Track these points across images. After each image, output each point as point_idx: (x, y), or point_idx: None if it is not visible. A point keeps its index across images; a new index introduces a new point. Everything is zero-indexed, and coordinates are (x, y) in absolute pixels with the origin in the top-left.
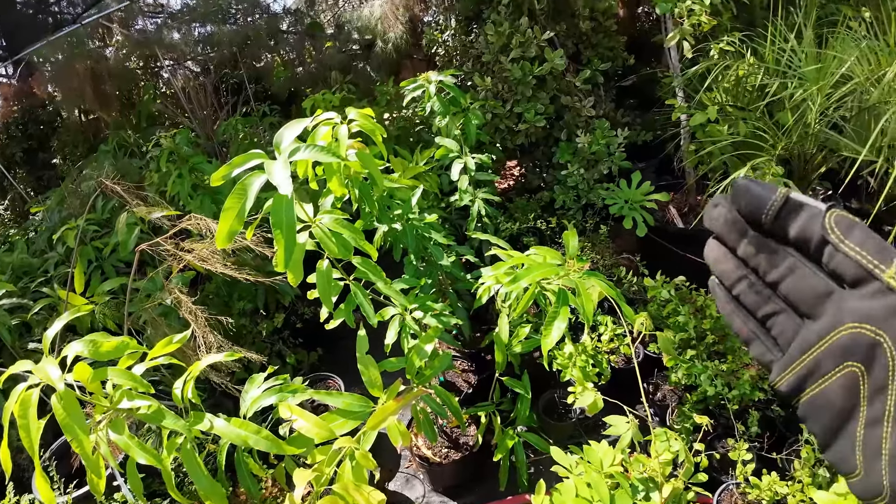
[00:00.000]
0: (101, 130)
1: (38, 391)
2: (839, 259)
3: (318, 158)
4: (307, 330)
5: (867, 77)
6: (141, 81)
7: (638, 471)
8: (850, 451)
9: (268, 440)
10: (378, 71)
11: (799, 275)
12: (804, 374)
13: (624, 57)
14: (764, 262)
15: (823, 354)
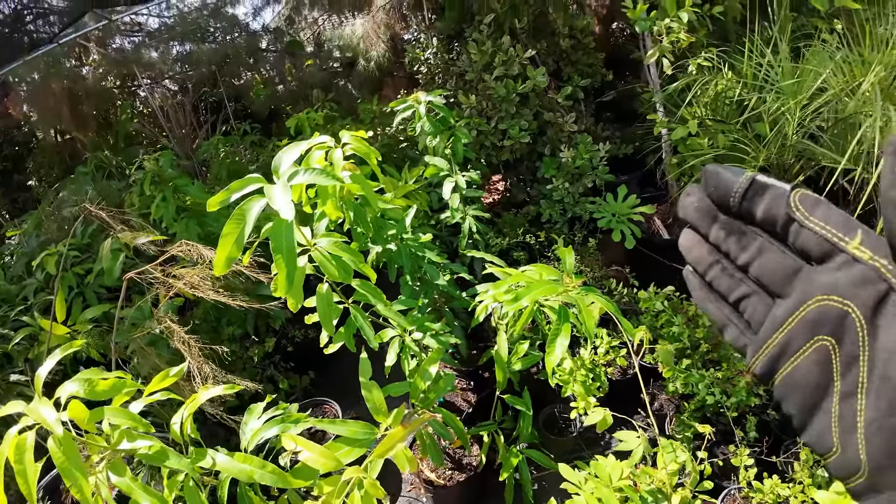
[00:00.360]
0: (78, 151)
1: (34, 434)
2: (805, 235)
3: (317, 182)
4: (298, 353)
5: (842, 88)
6: (118, 101)
7: (646, 483)
8: (826, 428)
9: (273, 474)
10: (360, 88)
11: (768, 255)
12: (777, 354)
13: (602, 73)
14: (734, 245)
15: (794, 331)
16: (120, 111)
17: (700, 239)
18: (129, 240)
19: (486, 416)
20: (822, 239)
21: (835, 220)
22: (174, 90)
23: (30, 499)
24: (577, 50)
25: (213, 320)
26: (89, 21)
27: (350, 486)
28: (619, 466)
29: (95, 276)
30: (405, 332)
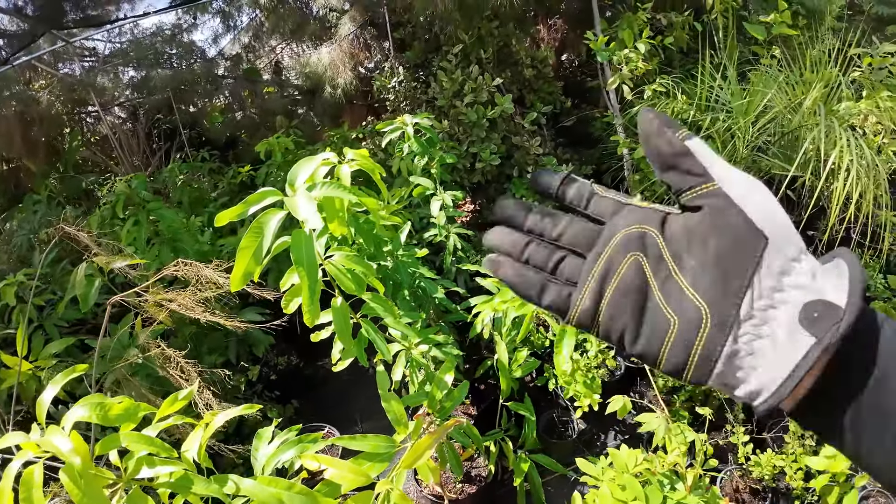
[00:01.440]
0: (22, 181)
1: (41, 467)
2: (603, 202)
3: (336, 195)
4: (281, 381)
5: (786, 105)
6: (68, 127)
7: (660, 466)
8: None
9: (302, 494)
10: (322, 116)
11: (576, 224)
12: (602, 275)
13: (561, 100)
14: (548, 223)
15: (611, 255)
16: (70, 138)
17: (510, 230)
18: (105, 264)
19: (487, 428)
20: (615, 201)
21: (617, 193)
22: (126, 117)
23: None
24: (539, 79)
25: (192, 349)
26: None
27: (381, 500)
28: (633, 454)
29: (64, 306)
30: (413, 346)
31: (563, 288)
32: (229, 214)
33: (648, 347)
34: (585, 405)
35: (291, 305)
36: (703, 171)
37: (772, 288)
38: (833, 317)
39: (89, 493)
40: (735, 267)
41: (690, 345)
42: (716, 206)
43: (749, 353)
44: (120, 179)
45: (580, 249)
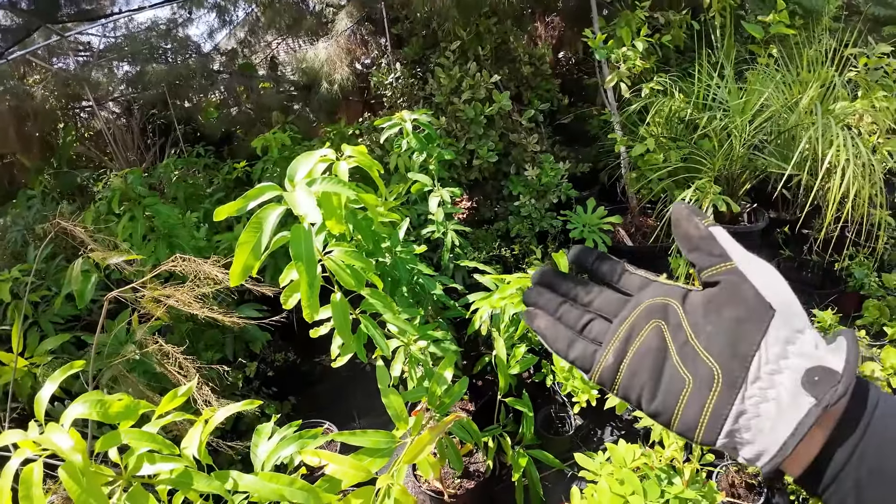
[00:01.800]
0: (16, 176)
1: (41, 465)
2: (632, 278)
3: (335, 190)
4: (278, 378)
5: (783, 104)
6: (62, 122)
7: (657, 461)
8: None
9: (304, 490)
10: (318, 112)
11: (606, 293)
12: (627, 336)
13: (559, 98)
14: (581, 290)
15: (635, 320)
16: (64, 133)
17: (547, 290)
18: (101, 259)
19: (485, 424)
20: (643, 278)
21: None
22: (121, 112)
23: None
24: (537, 76)
25: (189, 346)
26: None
27: (381, 495)
28: (631, 449)
29: (60, 302)
30: (412, 342)
31: (590, 345)
32: (228, 209)
33: (664, 406)
34: (583, 401)
35: (291, 301)
36: (723, 252)
37: (778, 355)
38: (831, 380)
39: (90, 491)
40: (745, 334)
41: (703, 402)
42: (731, 281)
43: (755, 414)
44: (115, 175)
45: (608, 315)
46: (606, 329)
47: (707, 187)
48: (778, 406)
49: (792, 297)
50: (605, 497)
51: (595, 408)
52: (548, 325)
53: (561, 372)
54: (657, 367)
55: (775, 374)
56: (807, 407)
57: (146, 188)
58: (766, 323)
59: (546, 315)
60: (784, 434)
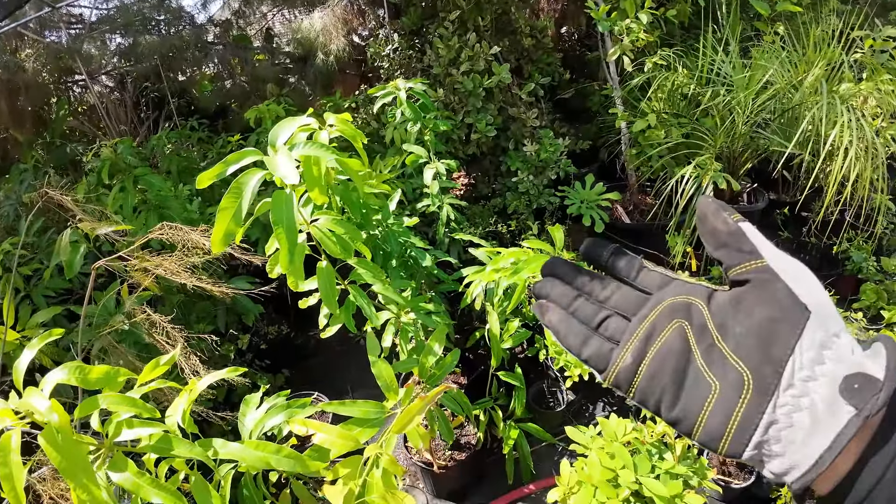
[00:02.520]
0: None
1: (19, 433)
2: (651, 275)
3: (316, 154)
4: (272, 351)
5: (788, 82)
6: (54, 96)
7: (649, 436)
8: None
9: (291, 458)
10: (313, 85)
11: (623, 289)
12: (647, 335)
13: (560, 72)
14: (597, 285)
15: (657, 319)
16: (57, 107)
17: (560, 282)
18: (90, 230)
19: (477, 397)
20: (663, 275)
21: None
22: (114, 86)
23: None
24: (538, 49)
25: (180, 317)
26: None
27: (370, 465)
28: (622, 423)
29: (50, 274)
30: (404, 313)
31: (605, 343)
32: (209, 175)
33: (686, 413)
34: (576, 375)
35: (276, 270)
36: (753, 249)
37: (812, 360)
38: (872, 388)
39: (68, 455)
40: (778, 336)
41: (730, 410)
42: (763, 279)
43: (788, 425)
44: (105, 144)
45: (625, 313)
46: (624, 327)
47: (708, 164)
48: (812, 416)
49: (826, 298)
50: (596, 470)
51: (587, 383)
52: (560, 319)
53: (554, 346)
54: (680, 371)
55: (810, 380)
56: (846, 417)
57: (137, 158)
58: (802, 325)
59: (558, 309)
60: (820, 447)
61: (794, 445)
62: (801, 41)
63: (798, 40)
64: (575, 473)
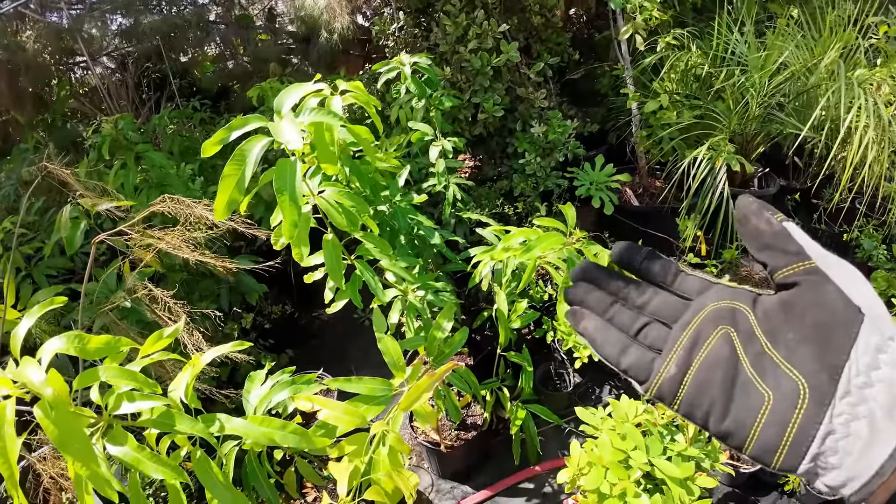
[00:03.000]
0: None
1: (13, 403)
2: (690, 280)
3: (323, 121)
4: (275, 331)
5: (803, 65)
6: (56, 77)
7: (660, 418)
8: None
9: (296, 434)
10: (316, 65)
11: (662, 295)
12: (690, 345)
13: (569, 52)
14: (633, 291)
15: (700, 326)
16: (58, 88)
17: (594, 287)
18: (91, 206)
19: (483, 378)
20: (702, 279)
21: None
22: (115, 67)
23: (10, 480)
24: (547, 28)
25: (183, 295)
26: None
27: (376, 442)
28: (634, 405)
29: (50, 250)
30: (411, 290)
31: (647, 353)
32: (214, 141)
33: (737, 425)
34: (585, 356)
35: (281, 241)
36: (799, 249)
37: (868, 365)
38: None
39: (63, 427)
40: (833, 341)
41: (786, 422)
42: (812, 282)
43: (845, 434)
44: (106, 120)
45: (666, 320)
46: (665, 335)
47: (721, 145)
48: (871, 425)
49: (877, 299)
50: (607, 451)
51: (594, 365)
52: (597, 327)
53: (563, 325)
54: (728, 381)
55: (866, 387)
56: None
57: (138, 135)
58: (856, 329)
59: (594, 316)
60: (880, 457)
61: (852, 456)
62: (816, 25)
63: (814, 24)
64: (585, 454)
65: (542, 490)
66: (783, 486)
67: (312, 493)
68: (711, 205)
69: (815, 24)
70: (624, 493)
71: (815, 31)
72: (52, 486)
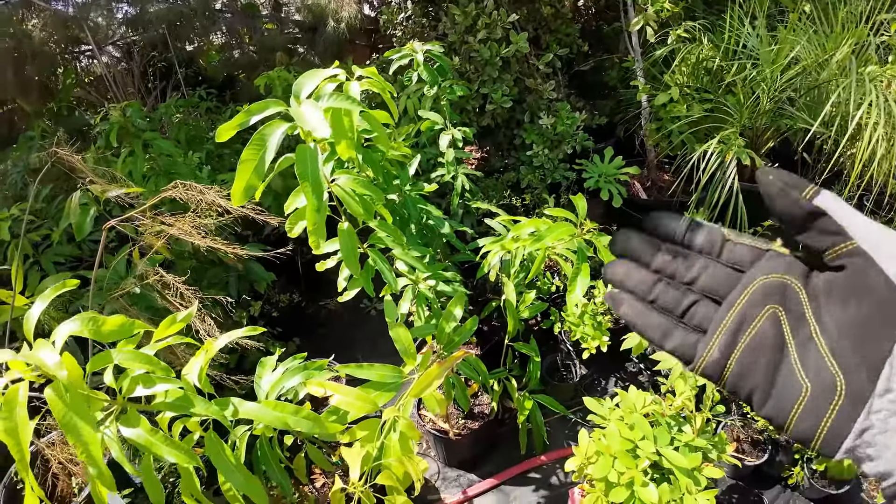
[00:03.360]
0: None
1: (26, 386)
2: (738, 249)
3: (343, 106)
4: (283, 319)
5: (815, 60)
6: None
7: (668, 409)
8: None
9: (309, 419)
10: (323, 55)
11: (713, 268)
12: (735, 328)
13: (578, 43)
14: (681, 265)
15: (747, 305)
16: (63, 77)
17: (637, 266)
18: (100, 192)
19: (490, 369)
20: (753, 248)
21: (752, 239)
22: (121, 56)
23: (22, 463)
24: (557, 18)
25: (192, 282)
26: None
27: (387, 428)
28: (642, 395)
29: (59, 236)
30: (421, 279)
31: (690, 335)
32: (231, 125)
33: (777, 411)
34: (593, 347)
35: (296, 229)
36: (840, 229)
37: None
38: None
39: (75, 408)
40: (875, 334)
41: (820, 416)
42: (856, 266)
43: (882, 430)
44: (114, 107)
45: (715, 295)
46: (713, 314)
47: (732, 139)
48: None
49: None
50: (615, 440)
51: (601, 357)
52: (637, 313)
53: (571, 317)
54: (772, 367)
55: None
56: None
57: (145, 122)
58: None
59: (634, 300)
60: None
61: (889, 450)
62: (828, 20)
63: (826, 19)
64: (593, 443)
65: (548, 480)
66: (786, 480)
67: (321, 478)
68: (721, 199)
69: (827, 19)
70: (631, 482)
71: (827, 27)
72: (60, 471)
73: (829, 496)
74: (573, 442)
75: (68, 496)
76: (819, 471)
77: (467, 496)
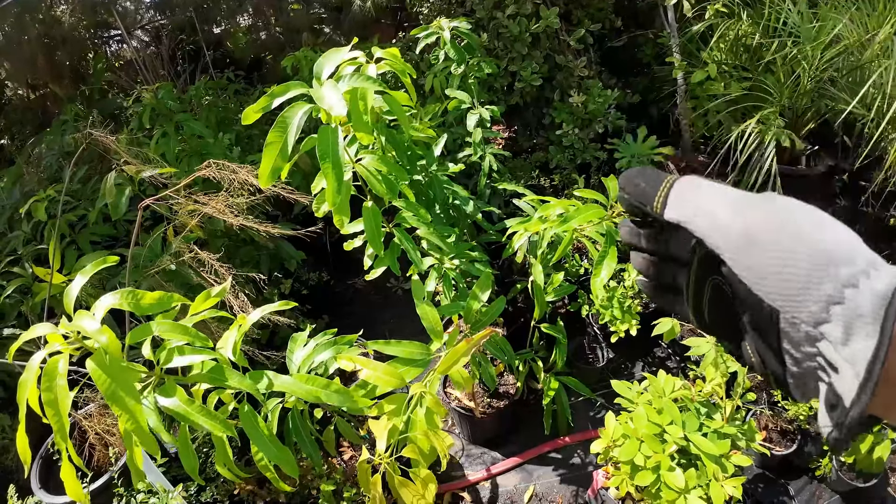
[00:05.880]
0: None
1: (66, 358)
2: None
3: (361, 86)
4: (312, 297)
5: (857, 39)
6: (92, 51)
7: (697, 395)
8: None
9: (339, 393)
10: (349, 35)
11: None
12: None
13: (611, 18)
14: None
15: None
16: (94, 61)
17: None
18: (135, 172)
19: (516, 349)
20: None
21: None
22: (150, 40)
23: (59, 433)
24: None
25: (224, 260)
26: None
27: (414, 403)
28: (671, 380)
29: (95, 216)
30: (447, 259)
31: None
32: (255, 108)
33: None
34: (622, 330)
35: (322, 209)
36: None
37: None
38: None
39: (116, 377)
40: None
41: None
42: None
43: None
44: (146, 89)
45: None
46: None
47: (771, 119)
48: None
49: None
50: (642, 424)
51: (629, 341)
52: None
53: (599, 300)
54: None
55: None
56: None
57: (177, 104)
58: None
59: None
60: None
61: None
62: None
63: None
64: (620, 426)
65: (571, 461)
66: (814, 471)
67: (349, 451)
68: (758, 181)
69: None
70: (658, 466)
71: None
72: (97, 441)
73: (856, 489)
74: (597, 425)
75: (104, 465)
76: (847, 463)
77: (491, 473)
